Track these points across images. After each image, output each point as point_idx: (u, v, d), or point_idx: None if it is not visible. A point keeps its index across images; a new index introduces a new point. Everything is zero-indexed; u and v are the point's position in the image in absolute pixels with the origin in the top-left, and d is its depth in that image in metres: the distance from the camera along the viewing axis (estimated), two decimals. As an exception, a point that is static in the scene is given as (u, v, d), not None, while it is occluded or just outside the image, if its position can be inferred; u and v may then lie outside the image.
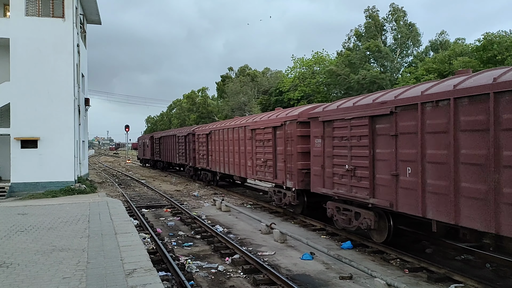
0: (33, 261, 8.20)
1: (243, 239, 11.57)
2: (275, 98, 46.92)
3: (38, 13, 21.02)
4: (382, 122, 9.27)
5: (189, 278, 7.88)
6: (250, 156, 16.91)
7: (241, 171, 18.29)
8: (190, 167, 28.01)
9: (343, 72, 39.19)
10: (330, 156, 11.17)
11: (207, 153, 23.56)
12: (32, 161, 20.37)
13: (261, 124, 15.72)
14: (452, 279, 7.78)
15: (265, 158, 15.26)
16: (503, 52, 28.21)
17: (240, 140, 18.31)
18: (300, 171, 13.03)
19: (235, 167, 19.05)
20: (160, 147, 38.58)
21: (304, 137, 12.93)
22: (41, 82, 20.56)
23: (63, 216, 13.42)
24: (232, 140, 19.39)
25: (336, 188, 10.88)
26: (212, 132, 22.67)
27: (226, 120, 24.74)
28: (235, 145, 18.89)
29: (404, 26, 43.21)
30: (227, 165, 20.29)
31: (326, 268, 8.86)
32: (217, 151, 21.81)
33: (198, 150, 25.36)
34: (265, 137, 15.25)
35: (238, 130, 18.62)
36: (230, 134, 19.66)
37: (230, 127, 19.79)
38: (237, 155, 18.65)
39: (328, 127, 11.25)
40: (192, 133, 26.81)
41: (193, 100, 77.61)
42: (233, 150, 19.19)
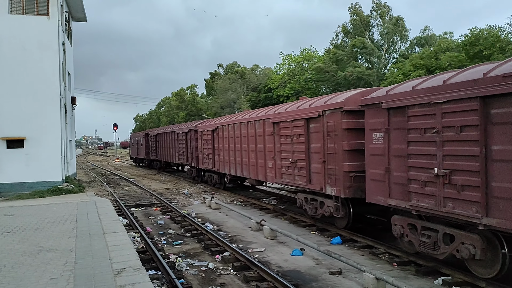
0: (19, 262, 8.08)
1: (233, 236, 11.56)
2: (264, 95, 46.94)
3: (22, 11, 20.66)
4: (507, 105, 6.32)
5: (179, 276, 7.84)
6: (272, 156, 14.08)
7: (259, 173, 15.55)
8: (192, 167, 25.64)
9: (330, 69, 39.35)
10: (401, 156, 8.27)
11: (213, 152, 20.77)
12: (18, 161, 20.07)
13: (288, 115, 12.82)
14: (440, 272, 7.87)
15: (294, 158, 12.41)
16: (489, 47, 28.53)
17: (257, 137, 15.47)
18: (347, 174, 10.14)
19: (250, 169, 16.30)
20: (157, 145, 35.53)
21: (352, 131, 10.16)
22: (27, 81, 20.23)
23: (50, 216, 13.26)
24: (246, 136, 16.55)
25: (415, 199, 7.85)
26: (219, 127, 19.80)
27: (235, 114, 21.68)
28: (250, 142, 16.11)
29: (390, 21, 43.48)
30: (239, 166, 17.50)
31: (316, 263, 8.90)
32: (225, 150, 19.04)
33: (202, 148, 22.45)
34: (294, 132, 12.37)
35: (254, 125, 15.68)
36: (243, 129, 16.80)
37: (243, 121, 16.86)
38: (253, 154, 15.84)
39: (398, 116, 8.34)
40: (194, 130, 24.25)
41: (182, 97, 77.25)
42: (247, 149, 16.42)
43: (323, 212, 11.51)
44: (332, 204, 10.96)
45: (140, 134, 44.71)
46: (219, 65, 71.04)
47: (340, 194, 10.39)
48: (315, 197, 11.93)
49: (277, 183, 14.34)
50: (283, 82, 44.71)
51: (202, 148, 22.57)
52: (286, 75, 45.75)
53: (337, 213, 10.84)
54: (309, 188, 11.82)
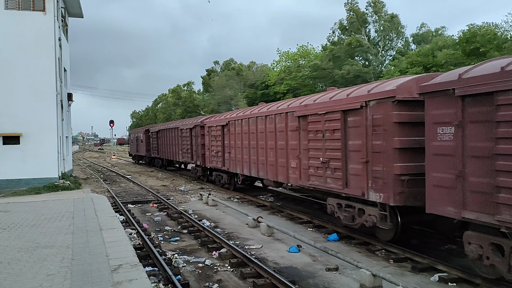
0: (16, 258, 8.06)
1: (230, 233, 11.57)
2: (261, 92, 46.91)
3: (18, 7, 20.54)
4: None
5: (176, 272, 7.84)
6: (296, 154, 12.30)
7: (279, 174, 13.71)
8: (198, 166, 23.88)
9: (327, 67, 39.36)
10: (483, 156, 6.57)
11: (223, 149, 19.03)
12: (15, 157, 19.99)
13: (319, 108, 10.96)
14: (436, 268, 7.90)
15: (326, 157, 10.62)
16: (486, 45, 28.59)
17: (277, 132, 13.69)
18: (397, 177, 8.39)
19: (268, 169, 14.51)
20: (158, 142, 33.67)
21: (406, 125, 8.51)
22: (23, 77, 20.13)
23: (47, 212, 13.22)
24: (263, 132, 14.76)
25: (508, 213, 6.15)
26: (231, 122, 18.05)
27: (249, 107, 19.83)
28: (269, 138, 14.33)
29: (385, 17, 43.48)
30: (254, 165, 15.70)
31: (313, 260, 8.92)
32: (237, 147, 17.32)
33: (210, 145, 20.72)
34: (326, 127, 10.56)
35: (274, 119, 13.88)
36: (260, 124, 15.01)
37: (260, 115, 15.06)
38: (272, 153, 14.10)
39: (479, 105, 6.64)
40: (200, 125, 22.45)
41: (179, 94, 77.08)
42: (265, 146, 14.64)
43: (362, 221, 9.71)
44: (376, 212, 9.18)
45: (140, 130, 43.00)
46: (215, 62, 70.84)
47: (388, 201, 8.61)
48: (352, 203, 10.09)
49: (301, 186, 12.41)
50: (280, 79, 44.69)
51: (209, 145, 20.85)
52: (283, 72, 45.72)
53: (383, 224, 9.03)
54: (346, 192, 10.00)
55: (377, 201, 9.03)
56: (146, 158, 39.98)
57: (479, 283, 7.10)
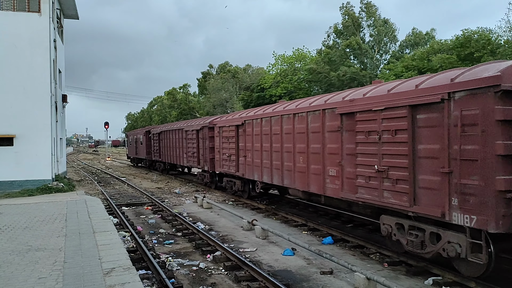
0: (8, 261, 7.98)
1: (225, 236, 11.53)
2: (256, 94, 46.98)
3: (13, 8, 20.42)
4: None
5: (170, 276, 7.79)
6: (337, 160, 10.12)
7: (311, 183, 11.47)
8: (205, 171, 21.76)
9: (323, 70, 39.48)
10: None
11: (237, 153, 16.86)
12: (8, 159, 19.82)
13: (374, 103, 8.83)
14: (431, 272, 7.91)
15: (383, 164, 8.51)
16: (480, 50, 28.80)
17: (310, 133, 11.51)
18: (501, 195, 6.35)
19: (296, 176, 12.27)
20: (160, 145, 31.32)
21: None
22: (17, 78, 20.00)
23: (40, 215, 13.12)
24: (290, 133, 12.56)
25: None
26: (247, 122, 15.82)
27: (270, 105, 17.17)
28: (298, 141, 12.15)
29: (379, 21, 43.69)
30: (277, 172, 13.46)
31: (307, 263, 8.90)
32: (255, 151, 15.17)
33: (221, 148, 18.47)
34: (385, 126, 8.48)
35: (306, 117, 11.64)
36: (287, 123, 12.80)
37: (286, 112, 12.86)
38: (302, 157, 11.88)
39: None
40: (208, 126, 20.28)
41: (174, 96, 76.99)
42: (292, 149, 12.41)
43: (438, 250, 7.49)
44: (462, 240, 7.04)
45: (139, 132, 40.35)
46: (210, 66, 70.84)
47: (485, 226, 6.46)
48: (420, 225, 8.01)
49: (344, 198, 10.03)
50: (276, 82, 44.78)
51: (221, 148, 18.61)
52: (278, 75, 45.81)
53: (475, 256, 6.85)
54: (414, 211, 7.84)
55: (465, 226, 6.83)
56: (146, 161, 37.67)
57: (473, 286, 7.11)
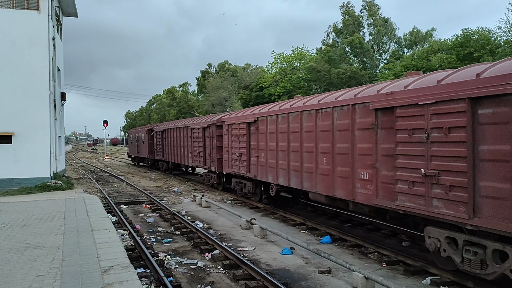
0: (6, 259, 7.96)
1: (223, 234, 11.53)
2: (255, 93, 46.98)
3: (12, 5, 20.38)
4: None
5: (168, 274, 7.80)
6: (371, 162, 8.96)
7: (337, 187, 10.25)
8: (211, 172, 20.71)
9: (323, 69, 39.49)
10: None
11: (248, 152, 15.65)
12: (6, 157, 19.80)
13: (421, 95, 7.60)
14: (428, 271, 7.92)
15: (432, 168, 7.30)
16: (479, 50, 28.83)
17: (336, 131, 10.27)
18: None
19: (319, 180, 11.03)
20: (164, 143, 30.21)
21: None
22: (15, 76, 19.97)
23: (38, 213, 13.10)
24: (312, 131, 11.32)
25: None
26: (261, 119, 14.59)
27: (285, 101, 15.53)
28: (321, 139, 10.93)
29: (379, 20, 43.69)
30: (296, 174, 12.23)
31: (306, 262, 8.91)
32: (269, 150, 13.98)
33: (230, 147, 17.21)
34: (435, 123, 7.30)
35: (331, 114, 10.43)
36: (308, 120, 11.57)
37: (307, 108, 11.61)
38: (326, 158, 10.66)
39: None
40: (216, 124, 19.14)
41: (173, 95, 76.97)
42: (314, 149, 11.21)
43: (505, 271, 6.39)
44: None
45: (141, 130, 39.00)
46: (209, 64, 70.82)
47: None
48: (482, 241, 6.76)
49: (379, 206, 8.77)
50: (275, 81, 44.77)
51: (229, 147, 17.33)
52: (278, 74, 45.81)
53: None
54: (475, 224, 6.60)
55: None
56: (148, 161, 36.24)
57: (471, 286, 7.12)
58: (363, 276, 7.07)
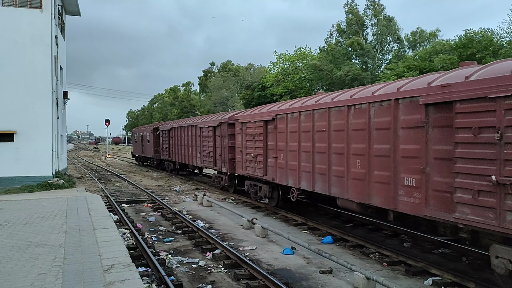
0: (7, 257, 7.99)
1: (225, 234, 11.54)
2: (258, 93, 46.93)
3: (15, 3, 20.42)
4: None
5: (169, 273, 7.80)
6: (419, 166, 7.72)
7: (373, 193, 8.99)
8: (221, 173, 19.56)
9: (326, 68, 39.46)
10: None
11: (265, 153, 14.41)
12: (8, 155, 19.85)
13: (487, 87, 6.51)
14: (430, 272, 7.91)
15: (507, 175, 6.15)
16: (482, 51, 28.76)
17: (373, 130, 9.05)
18: None
19: (350, 184, 9.77)
20: (170, 143, 28.96)
21: None
22: (18, 74, 20.00)
23: (40, 211, 13.13)
24: (342, 130, 10.02)
25: None
26: (280, 117, 13.35)
27: (307, 97, 13.98)
28: (353, 139, 9.66)
29: (383, 20, 43.60)
30: (322, 177, 10.95)
31: (307, 262, 8.91)
32: (291, 151, 12.67)
33: (244, 147, 16.05)
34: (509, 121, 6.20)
35: (367, 110, 9.17)
36: (336, 118, 10.31)
37: (335, 105, 10.34)
38: (360, 161, 9.41)
39: None
40: (228, 123, 17.95)
41: (176, 93, 77.08)
42: (345, 150, 9.92)
43: None
44: None
45: (146, 129, 37.55)
46: (212, 63, 70.94)
47: None
48: None
49: (430, 217, 7.51)
50: (277, 80, 44.74)
51: (243, 147, 16.17)
52: (280, 74, 45.78)
53: None
54: None
55: None
56: (154, 161, 34.68)
57: (473, 287, 7.11)
58: (364, 276, 7.07)
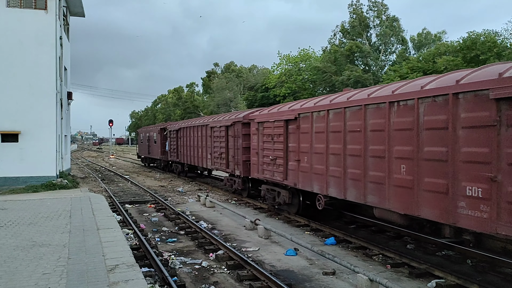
0: (12, 256, 8.03)
1: (227, 235, 11.56)
2: (261, 94, 46.97)
3: (20, 4, 20.53)
4: None
5: (172, 274, 7.82)
6: (489, 173, 6.55)
7: (422, 204, 7.74)
8: (233, 176, 18.21)
9: (328, 70, 39.46)
10: None
11: (285, 155, 13.07)
12: (13, 155, 19.96)
13: None
14: (433, 274, 7.89)
15: None
16: (486, 52, 28.68)
17: (422, 131, 7.78)
18: None
19: (391, 193, 8.49)
20: (178, 143, 27.62)
21: None
22: (23, 75, 20.12)
23: (44, 211, 13.19)
24: (383, 130, 8.75)
25: None
26: (303, 116, 11.99)
27: (334, 94, 12.21)
28: (396, 141, 8.40)
29: (387, 21, 43.52)
30: (355, 183, 9.67)
31: (310, 264, 8.91)
32: (316, 154, 11.33)
33: (261, 149, 14.81)
34: None
35: (415, 108, 7.91)
36: (375, 117, 9.01)
37: (373, 101, 9.10)
38: (405, 165, 8.14)
39: None
40: (242, 122, 16.62)
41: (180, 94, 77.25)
42: (386, 153, 8.63)
43: None
44: None
45: (152, 129, 36.10)
46: (215, 64, 71.08)
47: None
48: None
49: (505, 236, 6.36)
50: (280, 82, 44.76)
51: (260, 149, 14.96)
52: (283, 75, 45.80)
53: None
54: None
55: None
56: (161, 162, 33.36)
57: (476, 289, 7.09)
58: (367, 278, 7.06)
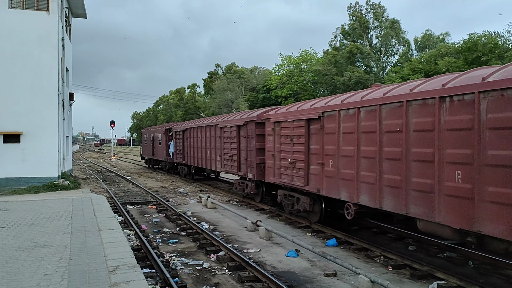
0: (14, 257, 8.04)
1: (229, 236, 11.55)
2: (262, 95, 47.01)
3: (22, 6, 20.60)
4: None
5: (173, 275, 7.82)
6: None
7: (487, 218, 6.48)
8: (245, 179, 17.07)
9: (329, 72, 39.48)
10: None
11: (306, 158, 11.86)
12: (15, 156, 20.00)
13: None
14: (435, 276, 7.88)
15: None
16: (487, 54, 28.66)
17: (485, 130, 6.60)
18: None
19: (442, 202, 7.30)
20: (185, 145, 26.36)
21: None
22: (25, 76, 20.17)
23: (46, 212, 13.20)
24: (430, 130, 7.60)
25: None
26: (328, 115, 10.84)
27: (365, 90, 10.91)
28: (450, 144, 7.21)
29: (386, 22, 43.54)
30: (395, 191, 8.42)
31: (311, 265, 8.90)
32: (344, 157, 10.15)
33: (278, 151, 13.56)
34: None
35: (475, 103, 6.73)
36: (420, 115, 7.88)
37: (417, 97, 7.91)
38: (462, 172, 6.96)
39: None
40: (256, 121, 15.45)
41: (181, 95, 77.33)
42: (435, 157, 7.46)
43: None
44: None
45: (157, 129, 35.01)
46: (217, 65, 71.15)
47: None
48: None
49: None
50: (282, 83, 44.78)
51: (277, 151, 13.66)
52: (284, 76, 45.82)
53: None
54: None
55: None
56: (166, 164, 32.23)
57: (478, 291, 7.06)
58: (369, 279, 7.05)
